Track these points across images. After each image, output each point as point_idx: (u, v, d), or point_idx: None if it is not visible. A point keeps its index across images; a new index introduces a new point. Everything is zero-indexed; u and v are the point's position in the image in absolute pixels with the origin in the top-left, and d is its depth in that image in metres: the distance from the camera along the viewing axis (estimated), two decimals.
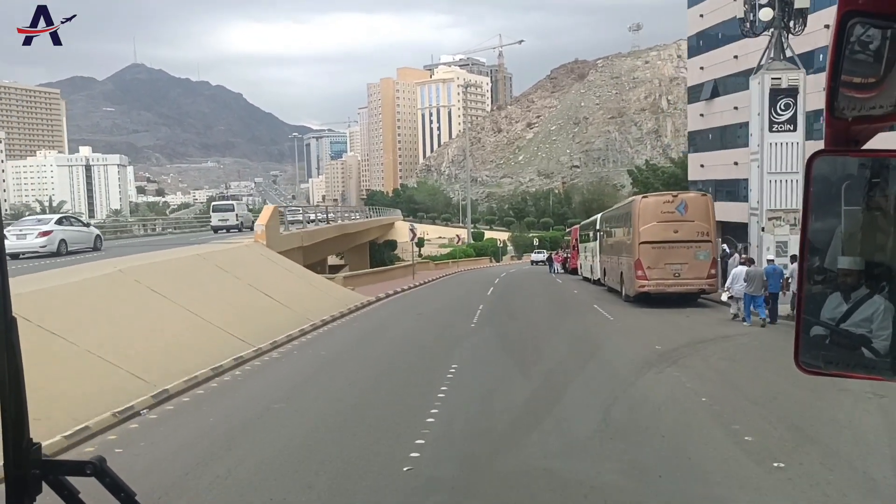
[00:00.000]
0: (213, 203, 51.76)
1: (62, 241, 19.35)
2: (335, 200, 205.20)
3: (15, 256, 17.52)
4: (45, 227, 19.35)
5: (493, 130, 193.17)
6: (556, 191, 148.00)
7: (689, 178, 49.49)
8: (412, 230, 38.52)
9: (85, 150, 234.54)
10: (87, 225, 23.53)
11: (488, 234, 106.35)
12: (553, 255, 53.50)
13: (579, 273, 40.67)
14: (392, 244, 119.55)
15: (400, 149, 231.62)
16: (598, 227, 32.49)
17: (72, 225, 21.56)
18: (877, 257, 1.42)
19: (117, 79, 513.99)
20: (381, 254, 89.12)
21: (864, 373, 1.47)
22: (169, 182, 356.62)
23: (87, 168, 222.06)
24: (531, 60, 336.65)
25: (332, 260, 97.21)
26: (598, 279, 32.26)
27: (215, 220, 35.63)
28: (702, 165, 47.25)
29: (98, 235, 21.91)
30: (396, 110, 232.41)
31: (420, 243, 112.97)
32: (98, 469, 1.31)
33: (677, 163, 73.31)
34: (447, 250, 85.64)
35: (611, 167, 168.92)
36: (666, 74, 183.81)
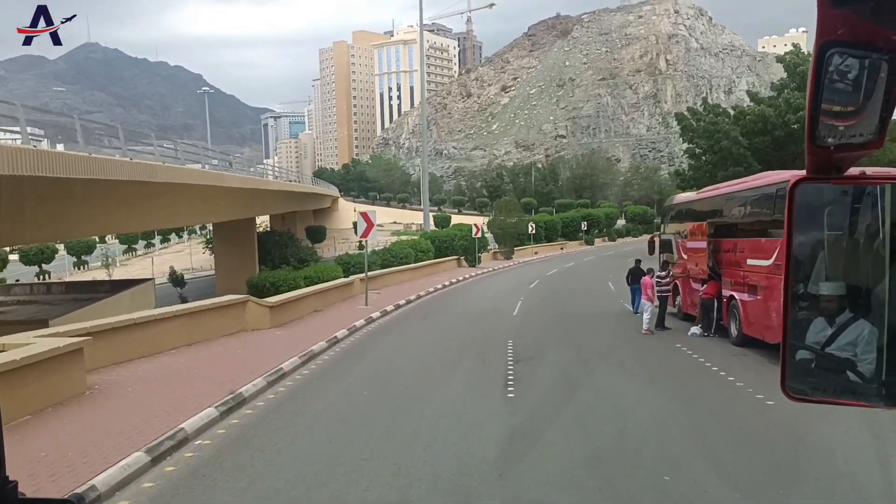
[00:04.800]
0: None
1: None
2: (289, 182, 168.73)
3: None
4: None
5: (461, 95, 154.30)
6: (539, 165, 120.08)
7: None
8: None
9: None
10: None
11: (456, 220, 72.72)
12: (646, 278, 16.06)
13: None
14: (320, 231, 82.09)
15: (356, 122, 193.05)
16: None
17: None
18: (859, 282, 1.38)
19: (70, 58, 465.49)
20: (280, 248, 51.07)
21: (851, 399, 1.40)
22: None
23: None
24: (502, 35, 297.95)
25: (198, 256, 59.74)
26: None
27: None
28: None
29: None
30: (352, 78, 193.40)
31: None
32: None
33: (773, 103, 37.31)
34: (396, 238, 49.41)
35: (603, 137, 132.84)
36: (663, 31, 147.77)
